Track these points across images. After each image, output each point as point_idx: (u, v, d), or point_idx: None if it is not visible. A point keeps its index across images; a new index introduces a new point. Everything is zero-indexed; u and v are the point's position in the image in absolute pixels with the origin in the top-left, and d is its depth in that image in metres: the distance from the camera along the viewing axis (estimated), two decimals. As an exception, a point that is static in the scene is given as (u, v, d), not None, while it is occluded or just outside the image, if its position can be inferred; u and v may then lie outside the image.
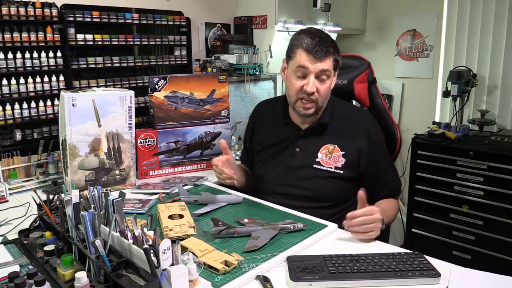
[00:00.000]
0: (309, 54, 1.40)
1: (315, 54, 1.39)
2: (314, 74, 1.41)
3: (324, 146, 1.52)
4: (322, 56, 1.40)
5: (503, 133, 2.39)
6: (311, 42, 1.40)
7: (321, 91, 1.44)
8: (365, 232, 1.24)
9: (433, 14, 3.05)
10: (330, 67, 1.42)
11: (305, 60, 1.40)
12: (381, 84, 3.18)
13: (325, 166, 1.51)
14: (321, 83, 1.43)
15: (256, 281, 1.05)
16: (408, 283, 1.02)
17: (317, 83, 1.42)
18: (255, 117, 1.76)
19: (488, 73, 2.81)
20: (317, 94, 1.43)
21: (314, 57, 1.40)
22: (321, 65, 1.40)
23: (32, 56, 1.85)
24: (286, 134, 1.60)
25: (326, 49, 1.40)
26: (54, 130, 1.96)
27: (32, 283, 0.89)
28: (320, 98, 1.45)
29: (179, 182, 1.78)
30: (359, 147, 1.49)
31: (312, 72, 1.41)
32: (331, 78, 1.46)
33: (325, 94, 1.46)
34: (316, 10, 2.73)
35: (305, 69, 1.41)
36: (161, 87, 1.95)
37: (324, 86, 1.44)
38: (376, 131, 1.56)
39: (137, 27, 2.33)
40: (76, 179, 1.67)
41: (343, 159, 1.50)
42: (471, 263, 2.36)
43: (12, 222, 1.44)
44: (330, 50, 1.42)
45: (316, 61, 1.40)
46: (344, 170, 1.49)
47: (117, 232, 0.98)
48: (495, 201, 2.27)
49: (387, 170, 1.56)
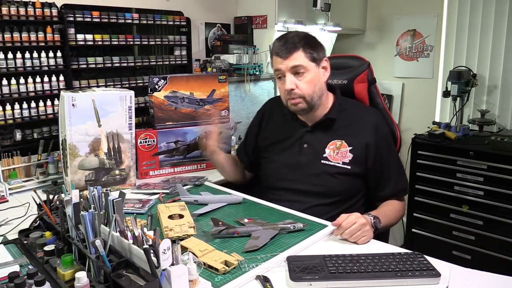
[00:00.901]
0: (277, 56, 1.47)
1: (281, 54, 1.46)
2: (288, 72, 1.46)
3: (332, 141, 1.54)
4: (287, 53, 1.45)
5: (503, 133, 2.39)
6: (278, 44, 1.48)
7: (300, 86, 1.47)
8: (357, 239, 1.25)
9: (433, 14, 3.05)
10: (302, 61, 1.45)
11: (277, 62, 1.48)
12: (381, 84, 3.19)
13: (333, 161, 1.52)
14: (299, 77, 1.47)
15: (256, 281, 1.05)
16: (408, 283, 1.02)
17: (295, 79, 1.46)
18: (264, 112, 1.78)
19: (488, 73, 2.81)
20: (298, 89, 1.47)
21: (281, 57, 1.46)
22: (289, 62, 1.45)
23: (32, 56, 1.85)
24: (293, 130, 1.62)
25: (291, 46, 1.45)
26: (54, 130, 1.96)
27: (32, 283, 0.89)
28: (304, 92, 1.47)
29: (179, 182, 1.78)
30: (366, 143, 1.50)
31: (285, 70, 1.46)
32: (310, 71, 1.47)
33: (308, 87, 1.47)
34: (316, 10, 2.73)
35: (280, 71, 1.48)
36: (161, 87, 1.95)
37: (304, 80, 1.47)
38: (383, 128, 1.58)
39: (137, 27, 2.33)
40: (76, 179, 1.67)
41: (350, 154, 1.51)
42: (471, 263, 2.36)
43: (12, 222, 1.44)
44: (297, 45, 1.45)
45: (283, 59, 1.46)
46: (351, 165, 1.50)
47: (117, 232, 0.98)
48: (495, 201, 2.27)
49: (392, 168, 1.55)
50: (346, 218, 1.25)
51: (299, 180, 1.55)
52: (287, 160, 1.60)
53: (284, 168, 1.60)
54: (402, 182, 1.57)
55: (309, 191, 1.53)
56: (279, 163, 1.61)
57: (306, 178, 1.54)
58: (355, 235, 1.24)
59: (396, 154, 1.61)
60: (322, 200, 1.51)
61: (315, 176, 1.53)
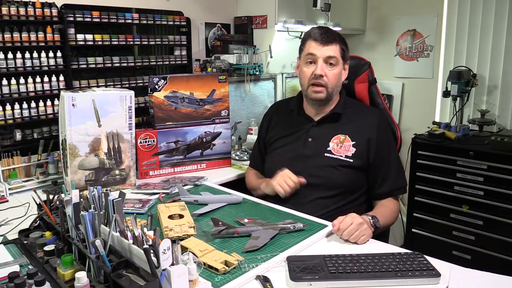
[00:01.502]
0: (317, 41, 1.54)
1: (321, 40, 1.53)
2: (322, 59, 1.52)
3: (336, 136, 1.58)
4: (328, 42, 1.52)
5: (503, 133, 2.38)
6: (319, 31, 1.56)
7: (329, 76, 1.53)
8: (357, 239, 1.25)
9: (433, 14, 3.05)
10: (337, 54, 1.54)
11: (313, 47, 1.54)
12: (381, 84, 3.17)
13: (336, 154, 1.55)
14: (330, 68, 1.54)
15: (256, 281, 1.05)
16: (408, 283, 1.02)
17: (325, 68, 1.53)
18: (271, 115, 1.81)
19: (488, 73, 2.81)
20: (326, 78, 1.53)
21: (321, 43, 1.53)
22: (327, 50, 1.52)
23: (32, 56, 1.85)
24: (299, 125, 1.66)
25: (332, 36, 1.54)
26: (54, 130, 1.96)
27: (32, 283, 0.89)
28: (330, 83, 1.54)
29: (179, 182, 1.78)
30: (368, 138, 1.55)
31: (319, 57, 1.52)
32: (339, 66, 1.55)
33: (334, 80, 1.54)
34: (316, 10, 2.73)
35: (314, 56, 1.53)
36: (161, 87, 1.95)
37: (333, 72, 1.54)
38: (385, 127, 1.63)
39: (137, 27, 2.33)
40: (76, 179, 1.67)
41: (353, 148, 1.54)
42: (471, 263, 2.36)
43: (12, 222, 1.44)
44: (336, 38, 1.55)
45: (323, 45, 1.52)
46: (354, 159, 1.53)
47: (117, 232, 0.98)
48: (495, 201, 2.26)
49: (391, 166, 1.57)
50: (342, 220, 1.26)
51: (301, 172, 1.55)
52: (290, 152, 1.62)
53: (287, 160, 1.61)
54: (400, 180, 1.60)
55: (311, 183, 1.53)
56: (283, 156, 1.64)
57: (308, 170, 1.55)
58: (354, 235, 1.24)
59: (396, 153, 1.64)
60: (324, 192, 1.53)
61: (317, 168, 1.55)
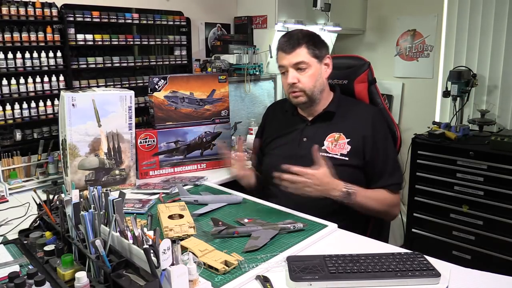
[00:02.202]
0: (282, 51, 1.55)
1: (285, 49, 1.53)
2: (291, 67, 1.53)
3: (330, 134, 1.57)
4: (291, 49, 1.52)
5: (503, 133, 2.39)
6: (282, 40, 1.56)
7: (302, 80, 1.53)
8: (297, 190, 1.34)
9: (433, 14, 3.05)
10: (304, 57, 1.52)
11: (281, 57, 1.55)
12: (381, 84, 3.17)
13: (331, 153, 1.54)
14: (301, 72, 1.53)
15: (256, 281, 1.05)
16: (408, 283, 1.02)
17: (297, 74, 1.53)
18: (266, 116, 1.83)
19: (488, 73, 2.81)
20: (300, 83, 1.53)
21: (285, 52, 1.53)
22: (292, 58, 1.51)
23: (32, 56, 1.85)
24: (294, 125, 1.66)
25: (295, 42, 1.52)
26: (54, 130, 1.96)
27: (32, 283, 0.89)
28: (305, 86, 1.53)
29: (179, 182, 1.78)
30: (364, 134, 1.54)
31: (287, 65, 1.53)
32: (312, 66, 1.53)
33: (309, 82, 1.54)
34: (316, 10, 2.73)
35: (283, 66, 1.55)
36: (161, 87, 1.95)
37: (306, 75, 1.53)
38: (381, 123, 1.61)
39: (137, 27, 2.33)
40: (76, 179, 1.67)
41: (348, 146, 1.54)
42: (471, 263, 2.36)
43: (12, 222, 1.44)
44: (300, 41, 1.52)
45: (286, 55, 1.53)
46: (349, 157, 1.53)
47: (117, 232, 0.98)
48: (495, 201, 2.27)
49: (387, 162, 1.56)
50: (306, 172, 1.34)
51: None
52: (285, 153, 1.62)
53: (282, 160, 1.59)
54: (396, 177, 1.57)
55: None
56: (278, 156, 1.63)
57: None
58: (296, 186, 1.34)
59: (392, 148, 1.62)
60: None
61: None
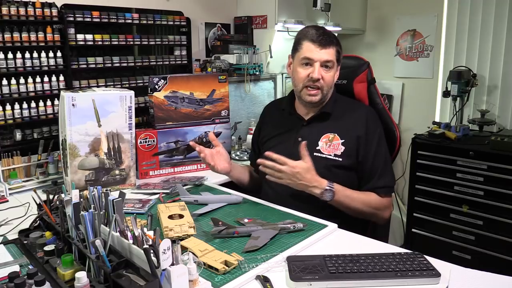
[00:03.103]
0: (315, 43, 1.50)
1: (320, 42, 1.49)
2: (320, 63, 1.50)
3: (325, 134, 1.57)
4: (326, 44, 1.50)
5: (503, 133, 2.38)
6: (316, 33, 1.51)
7: (326, 79, 1.52)
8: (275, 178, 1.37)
9: (433, 14, 3.05)
10: (333, 57, 1.52)
11: (311, 49, 1.50)
12: (381, 84, 3.19)
13: (325, 153, 1.54)
14: (326, 71, 1.52)
15: (256, 281, 1.05)
16: (408, 283, 1.02)
17: (322, 71, 1.51)
18: (264, 116, 1.83)
19: (488, 73, 2.81)
20: (322, 81, 1.52)
21: (319, 45, 1.49)
22: (325, 54, 1.50)
23: (32, 56, 1.85)
24: (290, 124, 1.66)
25: (330, 39, 1.51)
26: (54, 130, 1.96)
27: (32, 283, 0.89)
28: (326, 85, 1.53)
29: (179, 182, 1.78)
30: (357, 135, 1.54)
31: (317, 60, 1.50)
32: (334, 68, 1.54)
33: (330, 83, 1.54)
34: (316, 10, 2.73)
35: (311, 59, 1.50)
36: (161, 87, 1.95)
37: (329, 74, 1.53)
38: (375, 123, 1.59)
39: (137, 27, 2.33)
40: (76, 179, 1.67)
41: (342, 147, 1.54)
42: (471, 263, 2.36)
43: (12, 222, 1.44)
44: (333, 40, 1.52)
45: (321, 48, 1.49)
46: (343, 157, 1.52)
47: (117, 232, 0.98)
48: (495, 201, 2.26)
49: (377, 163, 1.54)
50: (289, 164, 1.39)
51: None
52: (281, 152, 1.60)
53: None
54: (384, 180, 1.54)
55: None
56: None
57: None
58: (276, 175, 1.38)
59: (384, 151, 1.59)
60: None
61: None
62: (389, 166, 1.59)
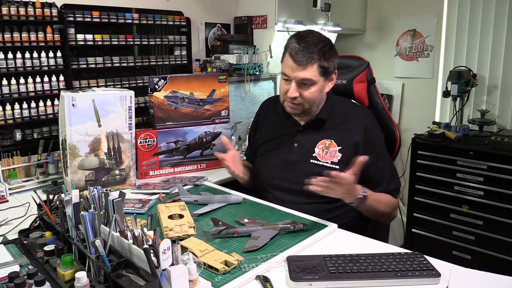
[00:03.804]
0: (291, 58, 1.43)
1: (296, 60, 1.42)
2: (295, 81, 1.45)
3: (321, 141, 1.55)
4: (303, 64, 1.41)
5: (503, 133, 2.39)
6: (296, 46, 1.43)
7: (304, 96, 1.47)
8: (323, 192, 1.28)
9: (433, 14, 3.05)
10: (312, 75, 1.43)
11: (288, 67, 1.45)
12: (381, 84, 3.19)
13: (321, 161, 1.53)
14: (305, 88, 1.46)
15: (256, 281, 1.05)
16: (408, 283, 1.02)
17: (299, 89, 1.46)
18: (260, 113, 1.81)
19: (488, 73, 2.81)
20: (301, 98, 1.47)
21: (296, 64, 1.42)
22: (301, 74, 1.43)
23: (32, 56, 1.85)
24: (286, 129, 1.63)
25: (308, 56, 1.41)
26: (54, 130, 1.96)
27: (32, 283, 0.89)
28: (305, 102, 1.48)
29: (179, 182, 1.78)
30: (355, 142, 1.51)
31: (293, 78, 1.45)
32: (317, 84, 1.46)
33: (310, 99, 1.48)
34: (316, 10, 2.73)
35: (288, 76, 1.46)
36: (161, 87, 1.95)
37: (309, 91, 1.46)
38: (373, 127, 1.57)
39: (137, 27, 2.33)
40: (76, 179, 1.67)
41: (339, 154, 1.51)
42: (471, 263, 2.36)
43: (12, 222, 1.44)
44: (315, 57, 1.42)
45: (296, 68, 1.43)
46: (340, 165, 1.50)
47: (117, 232, 0.98)
48: (495, 201, 2.27)
49: (384, 167, 1.54)
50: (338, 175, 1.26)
51: (288, 179, 1.55)
52: (277, 158, 1.61)
53: (274, 166, 1.61)
54: (395, 181, 1.56)
55: (298, 191, 1.50)
56: (270, 161, 1.63)
57: (295, 177, 1.53)
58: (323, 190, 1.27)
59: (386, 154, 1.59)
60: (311, 199, 1.49)
61: (304, 176, 1.49)
62: (394, 167, 1.60)
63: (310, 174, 1.49)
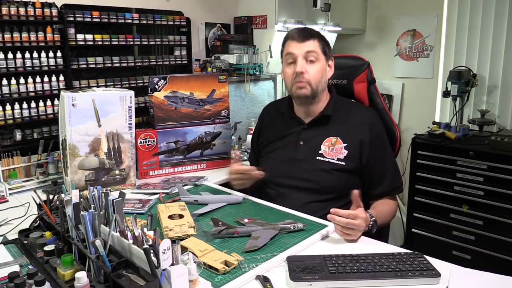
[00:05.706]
0: (294, 39, 1.53)
1: (298, 37, 1.52)
2: (302, 56, 1.51)
3: (327, 138, 1.56)
4: (305, 38, 1.52)
5: (503, 133, 2.38)
6: (294, 30, 1.57)
7: (310, 72, 1.51)
8: (344, 233, 1.25)
9: (433, 14, 3.05)
10: (316, 48, 1.52)
11: (292, 46, 1.53)
12: (381, 84, 3.19)
13: (327, 157, 1.54)
14: (310, 64, 1.52)
15: (256, 281, 1.05)
16: (408, 283, 1.02)
17: (305, 65, 1.51)
18: (263, 118, 1.82)
19: (488, 73, 2.81)
20: (308, 75, 1.51)
21: (298, 40, 1.52)
22: (305, 46, 1.51)
23: (32, 56, 1.85)
24: (290, 128, 1.64)
25: (309, 32, 1.54)
26: (54, 130, 1.96)
27: (32, 283, 0.89)
28: (312, 79, 1.52)
29: (179, 182, 1.78)
30: (361, 139, 1.53)
31: (298, 54, 1.51)
32: (320, 61, 1.53)
33: (316, 75, 1.52)
34: (316, 10, 2.73)
35: (293, 54, 1.52)
36: (161, 87, 1.95)
37: (314, 67, 1.52)
38: (378, 126, 1.60)
39: (137, 27, 2.33)
40: (76, 179, 1.67)
41: (345, 151, 1.53)
42: (471, 263, 2.36)
43: (12, 222, 1.44)
44: (313, 33, 1.54)
45: (300, 42, 1.52)
46: (346, 161, 1.52)
47: (117, 232, 0.98)
48: (495, 201, 2.26)
49: (387, 165, 1.57)
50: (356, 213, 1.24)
51: (294, 176, 1.56)
52: (283, 156, 1.62)
53: (280, 164, 1.61)
54: (397, 180, 1.59)
55: (304, 187, 1.53)
56: (275, 160, 1.63)
57: (301, 174, 1.55)
58: (348, 230, 1.23)
59: (390, 152, 1.63)
60: (317, 196, 1.52)
61: (310, 172, 1.54)
62: (396, 166, 1.61)
63: (316, 171, 1.53)
